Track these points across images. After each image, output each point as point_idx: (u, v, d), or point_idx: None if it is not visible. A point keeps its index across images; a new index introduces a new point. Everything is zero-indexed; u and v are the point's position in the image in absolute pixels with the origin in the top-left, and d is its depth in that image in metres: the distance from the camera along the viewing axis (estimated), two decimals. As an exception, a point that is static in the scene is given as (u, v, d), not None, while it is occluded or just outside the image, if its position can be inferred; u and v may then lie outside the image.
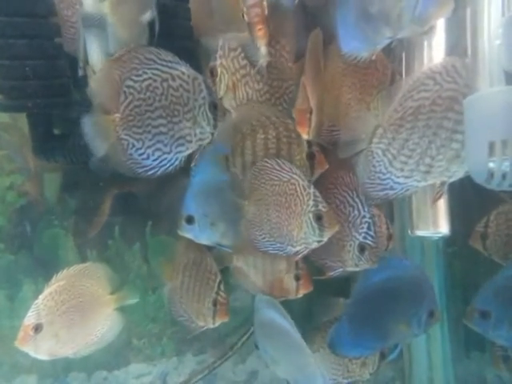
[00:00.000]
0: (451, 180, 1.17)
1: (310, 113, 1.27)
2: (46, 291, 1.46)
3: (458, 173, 1.16)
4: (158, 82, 1.20)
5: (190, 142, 1.25)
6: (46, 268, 2.17)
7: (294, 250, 1.36)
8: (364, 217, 1.41)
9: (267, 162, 1.35)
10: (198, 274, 1.57)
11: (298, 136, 1.37)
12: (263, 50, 1.21)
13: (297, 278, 1.52)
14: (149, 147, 1.24)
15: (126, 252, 2.16)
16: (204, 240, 1.50)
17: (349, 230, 1.44)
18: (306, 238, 1.33)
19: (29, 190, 2.14)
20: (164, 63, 1.20)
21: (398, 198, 1.25)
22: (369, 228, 1.42)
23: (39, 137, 1.68)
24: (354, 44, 1.21)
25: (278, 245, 1.37)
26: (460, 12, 1.18)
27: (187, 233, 1.48)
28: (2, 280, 2.17)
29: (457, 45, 1.22)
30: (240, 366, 2.28)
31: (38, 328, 1.42)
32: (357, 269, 1.46)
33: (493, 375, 2.09)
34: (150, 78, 1.20)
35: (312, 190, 1.32)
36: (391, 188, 1.21)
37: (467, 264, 1.99)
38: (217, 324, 1.53)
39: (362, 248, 1.42)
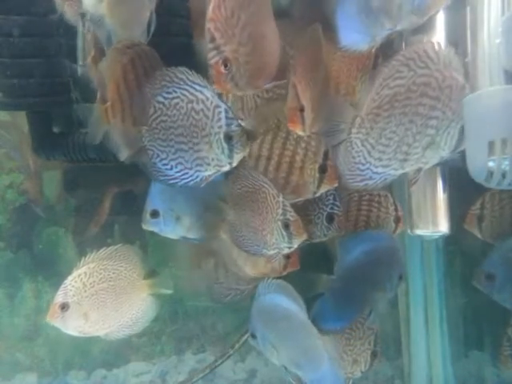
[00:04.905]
0: (427, 166, 1.17)
1: (301, 110, 1.26)
2: (75, 273, 1.49)
3: (433, 159, 1.16)
4: (185, 102, 1.24)
5: (209, 164, 1.28)
6: (45, 266, 2.18)
7: (269, 253, 1.41)
8: (328, 189, 1.46)
9: (240, 171, 1.38)
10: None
11: (317, 146, 1.38)
12: None
13: (286, 256, 1.54)
14: (172, 160, 1.29)
15: (126, 250, 2.16)
16: (169, 234, 1.53)
17: (316, 205, 1.51)
18: (277, 243, 1.39)
19: (28, 188, 2.14)
20: (193, 85, 1.23)
21: (376, 188, 1.25)
22: (334, 199, 1.50)
23: (39, 135, 1.68)
24: (354, 36, 1.21)
25: (255, 247, 1.42)
26: (460, 10, 1.18)
27: (152, 227, 1.52)
28: (2, 278, 2.17)
29: (457, 43, 1.22)
30: (239, 364, 2.28)
31: (64, 307, 1.46)
32: (324, 239, 1.52)
33: (492, 374, 2.10)
34: (178, 97, 1.24)
35: (281, 198, 1.36)
36: (370, 178, 1.21)
37: (467, 263, 2.00)
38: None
39: (330, 218, 1.50)
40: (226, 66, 1.16)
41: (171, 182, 1.31)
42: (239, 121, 1.30)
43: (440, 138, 1.12)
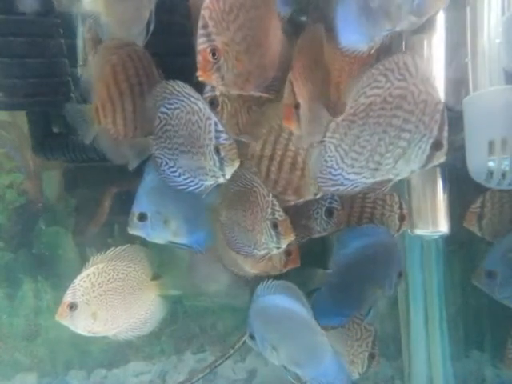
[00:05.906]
0: (397, 178, 1.18)
1: (297, 107, 1.25)
2: (83, 273, 1.49)
3: (403, 171, 1.16)
4: (184, 112, 1.26)
5: (207, 174, 1.29)
6: (45, 266, 2.18)
7: (260, 253, 1.41)
8: None
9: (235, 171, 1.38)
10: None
11: None
12: None
13: (288, 253, 1.53)
14: (180, 167, 1.32)
15: (126, 250, 2.16)
16: (156, 239, 1.51)
17: (314, 200, 1.49)
18: (267, 243, 1.38)
19: (28, 188, 2.14)
20: (189, 97, 1.25)
21: (347, 194, 1.25)
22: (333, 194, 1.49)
23: (39, 135, 1.68)
24: (353, 37, 1.21)
25: (246, 248, 1.42)
26: (460, 11, 1.18)
27: (138, 230, 1.49)
28: (2, 278, 2.17)
29: (457, 43, 1.23)
30: (240, 364, 2.28)
31: (72, 306, 1.47)
32: (324, 234, 1.52)
33: (492, 374, 2.10)
34: (179, 107, 1.27)
35: (271, 198, 1.36)
36: (342, 184, 1.21)
37: (466, 263, 2.00)
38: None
39: (329, 212, 1.51)
40: (214, 55, 1.12)
41: (179, 188, 1.33)
42: (235, 135, 1.31)
43: (411, 151, 1.12)
